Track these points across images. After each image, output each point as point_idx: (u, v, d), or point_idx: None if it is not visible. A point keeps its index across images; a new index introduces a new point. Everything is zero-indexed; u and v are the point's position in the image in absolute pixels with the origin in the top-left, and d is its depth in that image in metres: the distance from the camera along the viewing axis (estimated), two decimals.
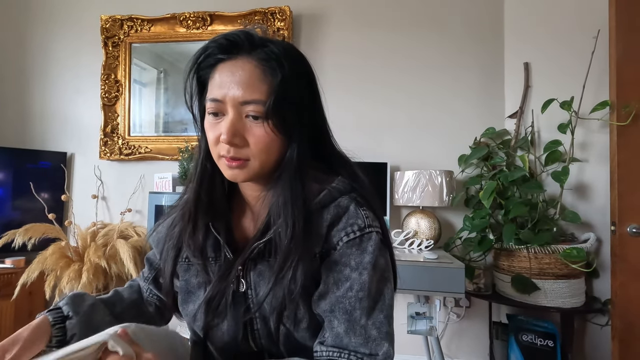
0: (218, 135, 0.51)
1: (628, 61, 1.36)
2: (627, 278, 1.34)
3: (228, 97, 0.50)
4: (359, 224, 0.52)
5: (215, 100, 0.51)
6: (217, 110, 0.52)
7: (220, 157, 0.53)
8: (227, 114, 0.51)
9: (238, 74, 0.50)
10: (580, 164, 1.62)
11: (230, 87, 0.50)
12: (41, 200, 1.93)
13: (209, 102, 0.52)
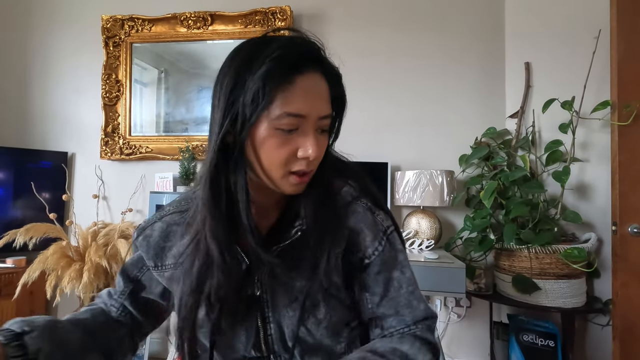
0: (293, 150, 0.49)
1: (629, 61, 1.36)
2: (628, 278, 1.34)
3: (312, 113, 0.48)
4: (382, 229, 0.58)
5: (299, 115, 0.47)
6: (295, 126, 0.48)
7: (290, 174, 0.50)
8: (304, 129, 0.48)
9: (318, 90, 0.49)
10: (581, 164, 1.62)
11: (315, 104, 0.48)
12: (42, 200, 1.93)
13: (287, 117, 0.47)
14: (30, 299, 2.00)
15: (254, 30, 2.06)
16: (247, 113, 0.47)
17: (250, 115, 0.47)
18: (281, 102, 0.46)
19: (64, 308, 2.09)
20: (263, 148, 0.49)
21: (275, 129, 0.47)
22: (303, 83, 0.47)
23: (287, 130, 0.48)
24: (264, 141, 0.48)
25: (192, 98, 2.15)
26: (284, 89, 0.46)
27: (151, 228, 0.61)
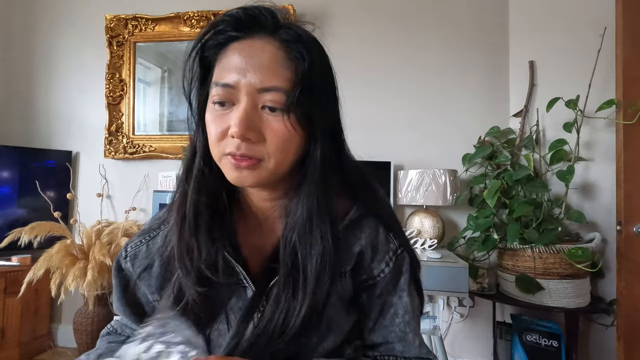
0: (225, 128, 0.42)
1: (635, 59, 1.35)
2: (632, 278, 1.33)
3: (242, 82, 0.41)
4: (392, 248, 0.50)
5: (226, 85, 0.42)
6: (225, 98, 0.42)
7: (225, 156, 0.43)
8: (238, 103, 0.42)
9: (257, 56, 0.42)
10: (586, 163, 1.61)
11: (247, 71, 0.41)
12: (47, 198, 1.94)
13: (216, 87, 0.42)
14: (35, 297, 2.01)
15: None
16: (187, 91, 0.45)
17: (189, 94, 0.45)
18: (217, 73, 0.43)
19: (69, 306, 2.11)
20: (206, 124, 0.44)
21: (212, 102, 0.43)
22: (236, 50, 0.42)
23: (219, 103, 0.43)
24: (206, 119, 0.44)
25: None
26: (219, 59, 0.43)
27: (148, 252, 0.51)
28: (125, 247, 0.51)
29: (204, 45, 0.44)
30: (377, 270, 0.50)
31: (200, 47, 0.44)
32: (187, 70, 0.45)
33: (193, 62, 0.45)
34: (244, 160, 0.42)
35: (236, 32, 0.43)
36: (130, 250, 0.50)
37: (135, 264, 0.49)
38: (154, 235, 0.50)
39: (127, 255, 0.50)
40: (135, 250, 0.50)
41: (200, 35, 0.44)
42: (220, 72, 0.43)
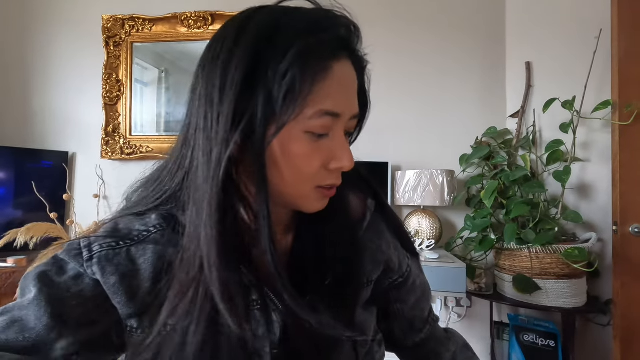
0: (326, 160, 0.37)
1: (630, 60, 1.36)
2: (628, 278, 1.34)
3: (347, 111, 0.37)
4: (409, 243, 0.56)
5: (334, 114, 0.36)
6: (330, 128, 0.37)
7: (318, 188, 0.38)
8: (336, 132, 0.37)
9: (354, 80, 0.38)
10: (582, 163, 1.62)
11: (350, 98, 0.38)
12: (43, 199, 1.93)
13: (322, 116, 0.35)
14: None
15: None
16: (276, 110, 0.33)
17: (282, 115, 0.33)
18: (316, 96, 0.34)
19: None
20: (288, 157, 0.36)
21: (305, 132, 0.36)
22: (339, 72, 0.36)
23: (317, 134, 0.36)
24: (289, 148, 0.36)
25: None
26: (320, 78, 0.34)
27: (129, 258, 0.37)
28: (88, 245, 0.37)
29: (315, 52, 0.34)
30: (404, 266, 0.53)
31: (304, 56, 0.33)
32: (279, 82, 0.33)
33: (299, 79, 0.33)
34: (333, 190, 0.40)
35: (342, 51, 0.37)
36: (98, 250, 0.36)
37: (106, 269, 0.35)
38: (139, 241, 0.38)
39: (94, 256, 0.36)
40: (107, 252, 0.36)
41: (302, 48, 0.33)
42: (325, 98, 0.35)
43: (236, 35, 0.35)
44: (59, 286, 0.35)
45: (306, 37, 0.34)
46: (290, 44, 0.33)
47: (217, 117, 0.34)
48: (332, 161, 0.38)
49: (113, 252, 0.37)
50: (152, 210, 0.40)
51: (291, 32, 0.34)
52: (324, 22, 0.36)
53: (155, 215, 0.40)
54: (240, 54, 0.34)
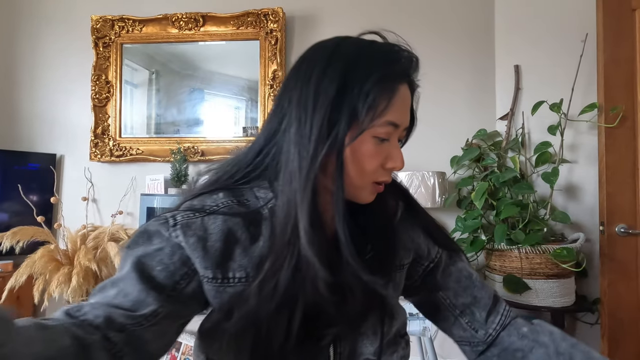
0: (383, 161, 0.48)
1: (615, 64, 1.39)
2: (615, 277, 1.37)
3: (403, 123, 0.49)
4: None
5: (395, 124, 0.47)
6: (390, 135, 0.47)
7: (373, 183, 0.49)
8: (393, 139, 0.49)
9: (409, 100, 0.50)
10: (570, 165, 1.65)
11: (406, 114, 0.49)
12: (30, 202, 1.89)
13: (387, 125, 0.46)
14: (17, 304, 1.96)
15: (246, 31, 2.05)
16: (358, 120, 0.44)
17: (362, 123, 0.45)
18: (385, 109, 0.45)
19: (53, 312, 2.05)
20: (357, 156, 0.46)
21: (373, 136, 0.46)
22: (401, 93, 0.47)
23: (381, 139, 0.47)
24: (359, 149, 0.46)
25: (184, 99, 2.13)
26: (390, 96, 0.45)
27: (203, 226, 0.47)
28: (173, 216, 0.47)
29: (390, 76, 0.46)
30: (434, 253, 0.59)
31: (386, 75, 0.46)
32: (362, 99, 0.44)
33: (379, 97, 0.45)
34: (382, 186, 0.51)
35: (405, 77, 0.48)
36: (181, 219, 0.46)
37: (187, 233, 0.45)
38: (209, 213, 0.47)
39: (177, 223, 0.46)
40: (187, 220, 0.46)
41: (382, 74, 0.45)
42: (392, 111, 0.46)
43: (327, 60, 0.46)
44: (147, 255, 0.45)
45: (384, 65, 0.46)
46: (372, 70, 0.45)
47: (311, 122, 0.45)
48: (389, 162, 0.48)
49: (191, 220, 0.47)
50: (220, 189, 0.51)
51: (372, 61, 0.46)
52: (395, 55, 0.48)
53: (222, 193, 0.50)
54: (332, 75, 0.45)
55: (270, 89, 2.01)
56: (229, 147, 2.05)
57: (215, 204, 0.49)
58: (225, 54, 2.12)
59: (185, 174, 1.97)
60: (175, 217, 0.47)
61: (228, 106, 2.14)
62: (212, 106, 2.13)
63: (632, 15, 1.39)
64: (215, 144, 2.07)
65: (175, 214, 0.48)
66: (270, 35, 2.01)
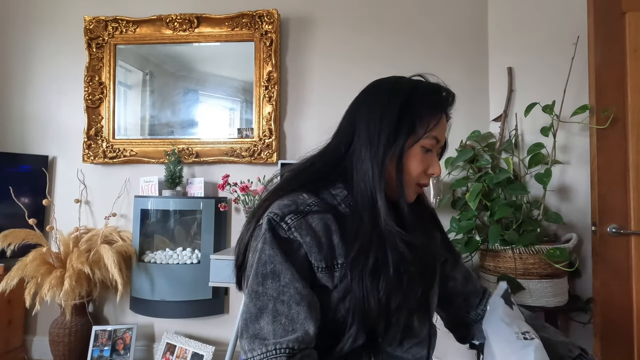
0: (427, 167, 0.63)
1: (606, 67, 1.41)
2: (607, 277, 1.38)
3: (442, 140, 0.65)
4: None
5: (437, 139, 0.63)
6: (431, 147, 0.63)
7: (417, 185, 0.64)
8: (434, 152, 0.64)
9: (446, 126, 0.67)
10: (562, 166, 1.66)
11: (443, 134, 0.65)
12: (21, 205, 1.87)
13: (431, 138, 0.62)
14: (9, 308, 1.93)
15: (240, 33, 2.05)
16: (416, 133, 0.61)
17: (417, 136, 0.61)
18: (433, 128, 0.61)
19: (44, 316, 2.02)
20: (409, 160, 0.62)
21: (421, 146, 0.62)
22: (442, 119, 0.65)
23: (426, 149, 0.62)
24: (410, 154, 0.62)
25: (178, 101, 2.12)
26: (433, 119, 0.62)
27: (307, 224, 0.57)
28: (282, 219, 0.57)
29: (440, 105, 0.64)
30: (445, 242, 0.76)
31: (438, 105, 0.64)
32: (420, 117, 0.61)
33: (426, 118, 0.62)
34: (422, 188, 0.67)
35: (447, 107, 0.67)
36: (291, 221, 0.57)
37: (302, 233, 0.56)
38: (306, 213, 0.58)
39: (291, 227, 0.56)
40: (295, 222, 0.57)
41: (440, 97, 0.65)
42: (435, 129, 0.62)
43: (389, 93, 0.64)
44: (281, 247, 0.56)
45: (433, 96, 0.64)
46: (425, 99, 0.62)
47: (379, 135, 0.60)
48: (429, 168, 0.63)
49: (298, 222, 0.57)
50: (301, 190, 0.61)
51: (425, 93, 0.64)
52: (440, 90, 0.65)
53: (306, 194, 0.61)
54: (395, 101, 0.62)
55: (265, 90, 2.01)
56: (223, 148, 2.05)
57: (307, 204, 0.59)
58: (220, 56, 2.11)
59: (179, 175, 1.95)
60: (286, 221, 0.57)
61: (223, 107, 2.13)
62: (207, 107, 2.13)
63: (622, 18, 1.41)
64: (210, 145, 2.06)
65: (282, 217, 0.57)
66: (265, 36, 2.01)
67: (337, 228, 0.58)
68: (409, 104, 0.61)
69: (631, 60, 1.40)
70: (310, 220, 0.57)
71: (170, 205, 1.96)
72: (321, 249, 0.56)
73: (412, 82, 0.66)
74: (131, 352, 1.87)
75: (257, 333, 0.52)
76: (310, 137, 2.01)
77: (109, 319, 2.08)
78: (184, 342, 1.88)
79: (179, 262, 1.89)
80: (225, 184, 1.88)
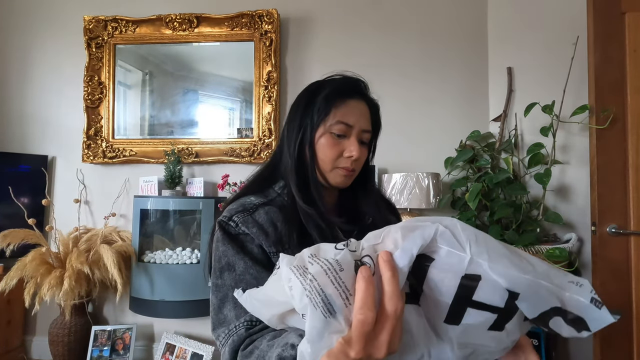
0: (341, 151, 0.66)
1: (606, 67, 1.41)
2: (607, 277, 1.38)
3: (357, 125, 0.67)
4: None
5: (347, 124, 0.66)
6: (343, 132, 0.66)
7: (337, 168, 0.67)
8: (350, 137, 0.66)
9: (365, 111, 0.69)
10: (562, 166, 1.67)
11: (360, 118, 0.67)
12: (21, 205, 1.87)
13: (338, 124, 0.65)
14: (8, 308, 1.93)
15: (240, 32, 2.05)
16: (314, 120, 0.66)
17: (316, 122, 0.66)
18: (335, 113, 0.66)
19: (44, 316, 2.02)
20: (319, 148, 0.67)
21: (330, 132, 0.66)
22: (352, 103, 0.67)
23: (337, 134, 0.66)
24: (321, 144, 0.66)
25: (178, 100, 2.12)
26: (339, 105, 0.66)
27: (252, 217, 0.64)
28: (229, 219, 0.63)
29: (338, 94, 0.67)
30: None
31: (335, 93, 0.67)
32: (321, 106, 0.66)
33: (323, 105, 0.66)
34: (350, 172, 0.68)
35: (355, 94, 0.68)
36: (238, 219, 0.63)
37: (248, 226, 0.62)
38: (253, 211, 0.64)
39: (238, 223, 0.62)
40: (242, 219, 0.63)
41: (337, 86, 0.68)
42: (343, 115, 0.66)
43: (300, 96, 0.72)
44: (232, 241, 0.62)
45: (329, 88, 0.68)
46: (322, 91, 0.68)
47: (291, 131, 0.69)
48: (345, 151, 0.66)
49: (245, 218, 0.63)
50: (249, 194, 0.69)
51: (323, 87, 0.69)
52: (341, 80, 0.70)
53: (253, 196, 0.68)
54: (301, 101, 0.70)
55: (265, 90, 2.01)
56: (223, 148, 2.04)
57: (253, 203, 0.66)
58: (220, 55, 2.11)
59: (179, 175, 1.95)
60: (233, 219, 0.63)
61: (222, 107, 2.13)
62: (207, 107, 2.12)
63: (622, 18, 1.41)
64: (210, 145, 2.06)
65: (229, 218, 0.63)
66: (264, 36, 2.01)
67: (281, 216, 0.64)
68: (312, 99, 0.67)
69: (631, 60, 1.40)
70: (255, 215, 0.63)
71: (169, 205, 1.96)
72: (268, 237, 0.62)
73: (319, 81, 0.71)
74: (131, 352, 1.87)
75: (222, 321, 0.57)
76: None
77: (109, 319, 2.08)
78: (183, 342, 1.88)
79: (178, 262, 1.89)
80: (225, 184, 1.88)
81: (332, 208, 0.73)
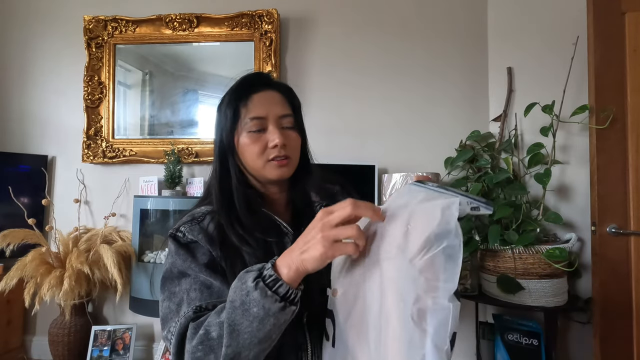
0: (264, 145, 0.65)
1: (605, 67, 1.41)
2: (607, 277, 1.38)
3: (271, 113, 0.65)
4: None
5: (259, 117, 0.65)
6: (260, 126, 0.65)
7: (269, 162, 0.65)
8: (268, 127, 0.65)
9: (272, 98, 0.67)
10: (562, 166, 1.66)
11: (271, 107, 0.66)
12: (20, 205, 1.87)
13: (251, 120, 0.65)
14: (8, 308, 1.93)
15: (240, 32, 2.05)
16: (228, 127, 0.67)
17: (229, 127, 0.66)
18: (245, 112, 0.66)
19: (44, 316, 2.02)
20: (241, 150, 0.66)
21: (248, 132, 0.65)
22: (258, 97, 0.66)
23: (254, 131, 0.65)
24: (241, 145, 0.66)
25: (178, 100, 2.12)
26: (246, 103, 0.66)
27: (199, 225, 0.65)
28: (177, 229, 0.65)
29: (237, 97, 0.67)
30: None
31: (235, 98, 0.67)
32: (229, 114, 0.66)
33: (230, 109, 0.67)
34: (284, 160, 0.65)
35: (257, 87, 0.67)
36: (184, 228, 0.64)
37: (194, 234, 0.64)
38: (201, 220, 0.66)
39: (185, 233, 0.64)
40: (188, 228, 0.65)
41: (234, 91, 0.68)
42: (252, 111, 0.65)
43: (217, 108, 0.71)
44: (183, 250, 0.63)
45: (229, 93, 0.69)
46: (228, 97, 0.68)
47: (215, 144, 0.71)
48: (269, 142, 0.65)
49: (192, 227, 0.65)
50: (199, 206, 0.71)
51: (228, 94, 0.69)
52: (240, 81, 0.70)
53: (203, 207, 0.69)
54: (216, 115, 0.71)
55: None
56: None
57: (202, 213, 0.68)
58: (220, 55, 2.11)
59: (179, 175, 1.95)
60: (180, 229, 0.65)
61: None
62: (207, 107, 2.12)
63: (622, 18, 1.41)
64: (210, 145, 2.06)
65: (178, 228, 0.65)
66: (264, 36, 2.01)
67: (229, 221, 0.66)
68: (221, 110, 0.69)
69: (631, 60, 1.40)
70: (203, 224, 0.65)
71: (169, 205, 1.95)
72: (214, 243, 0.63)
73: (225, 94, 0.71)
74: (131, 352, 1.87)
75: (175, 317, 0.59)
76: (310, 137, 2.00)
77: (109, 319, 2.08)
78: None
79: None
80: None
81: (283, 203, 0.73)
